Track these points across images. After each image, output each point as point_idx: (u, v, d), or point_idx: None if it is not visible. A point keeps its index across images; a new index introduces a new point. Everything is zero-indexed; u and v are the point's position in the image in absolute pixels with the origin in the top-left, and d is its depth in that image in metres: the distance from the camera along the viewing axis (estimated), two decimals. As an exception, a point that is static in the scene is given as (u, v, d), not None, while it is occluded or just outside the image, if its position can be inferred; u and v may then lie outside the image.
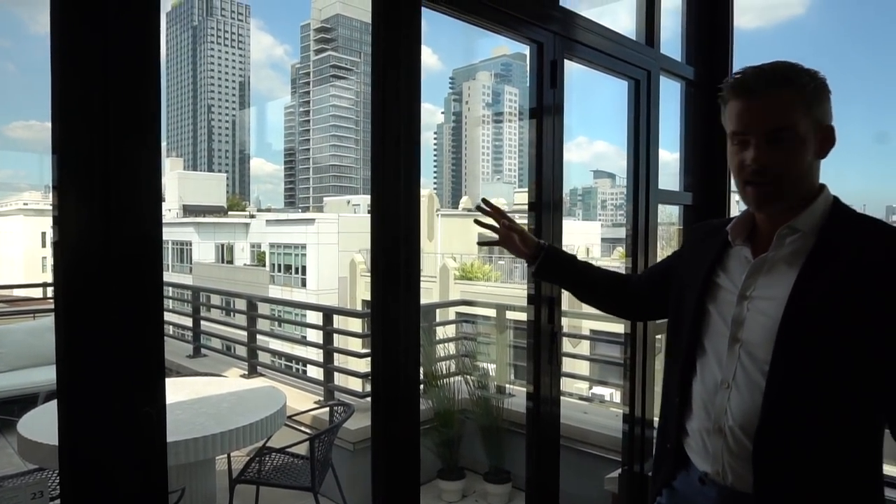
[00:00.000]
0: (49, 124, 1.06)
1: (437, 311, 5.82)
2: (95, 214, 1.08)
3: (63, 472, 1.09)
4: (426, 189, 30.51)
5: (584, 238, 32.79)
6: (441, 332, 4.93)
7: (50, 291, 8.30)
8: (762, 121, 1.10)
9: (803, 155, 1.11)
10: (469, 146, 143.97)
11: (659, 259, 2.57)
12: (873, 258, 1.04)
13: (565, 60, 2.12)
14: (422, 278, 1.78)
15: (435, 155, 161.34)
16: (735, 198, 3.01)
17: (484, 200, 1.60)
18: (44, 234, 49.24)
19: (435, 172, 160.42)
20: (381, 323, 1.67)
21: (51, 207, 1.06)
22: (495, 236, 1.59)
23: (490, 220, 1.58)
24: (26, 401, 4.22)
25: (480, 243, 1.77)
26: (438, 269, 20.66)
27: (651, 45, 2.59)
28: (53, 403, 2.93)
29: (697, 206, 2.98)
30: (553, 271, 1.55)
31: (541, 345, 2.14)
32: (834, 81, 1.15)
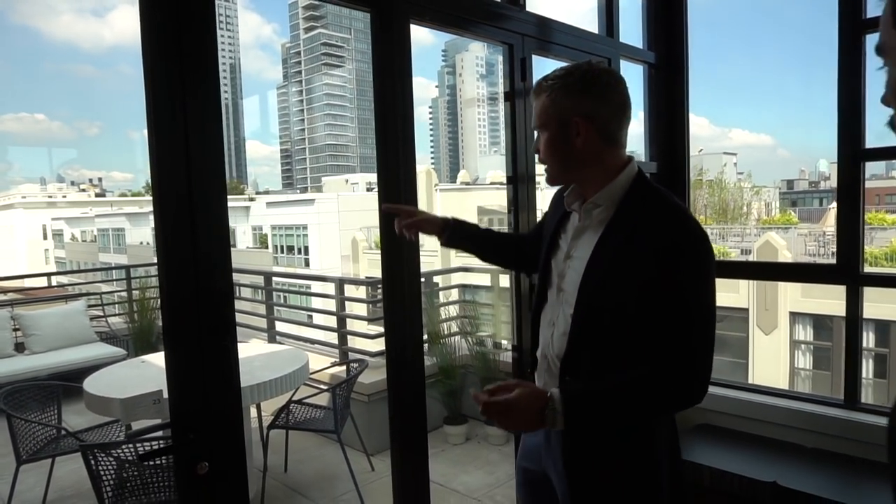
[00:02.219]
0: (40, 115, 1.36)
1: (441, 278, 6.27)
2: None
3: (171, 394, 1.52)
4: (424, 165, 30.70)
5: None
6: (444, 296, 5.40)
7: (55, 280, 8.66)
8: (532, 120, 1.38)
9: (557, 149, 1.33)
10: (465, 119, 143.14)
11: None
12: (646, 231, 1.23)
13: (533, 56, 2.52)
14: (425, 251, 2.17)
15: (431, 130, 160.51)
16: (693, 163, 3.40)
17: (385, 207, 1.81)
18: (45, 226, 49.62)
19: (432, 147, 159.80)
20: (389, 288, 2.09)
21: (49, 199, 1.37)
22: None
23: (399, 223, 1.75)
24: (64, 377, 4.59)
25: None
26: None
27: (611, 35, 2.97)
28: (108, 369, 3.41)
29: (661, 173, 3.38)
30: (459, 242, 1.74)
31: (521, 304, 2.57)
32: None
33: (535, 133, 1.38)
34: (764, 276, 3.93)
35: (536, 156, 1.38)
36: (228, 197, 1.64)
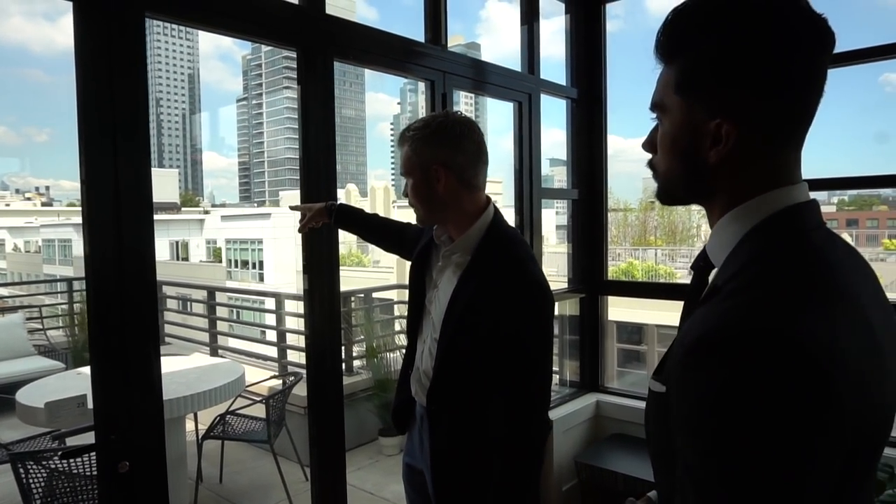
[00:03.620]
0: None
1: (395, 294, 6.44)
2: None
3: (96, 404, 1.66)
4: (383, 181, 30.81)
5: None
6: (397, 311, 5.56)
7: (6, 291, 8.47)
8: (401, 170, 1.54)
9: (422, 194, 1.49)
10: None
11: (539, 247, 3.25)
12: (492, 281, 1.41)
13: (454, 91, 2.75)
14: (379, 268, 2.34)
15: (392, 146, 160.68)
16: (644, 186, 3.67)
17: (291, 207, 2.10)
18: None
19: (392, 163, 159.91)
20: (309, 306, 2.26)
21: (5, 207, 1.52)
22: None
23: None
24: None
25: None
26: (395, 259, 21.21)
27: (532, 73, 3.24)
28: (42, 380, 3.46)
29: (583, 199, 3.65)
30: (344, 225, 1.96)
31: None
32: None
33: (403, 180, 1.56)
34: (650, 295, 4.30)
35: (406, 199, 1.56)
36: (183, 209, 1.80)
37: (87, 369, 3.83)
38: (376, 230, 1.99)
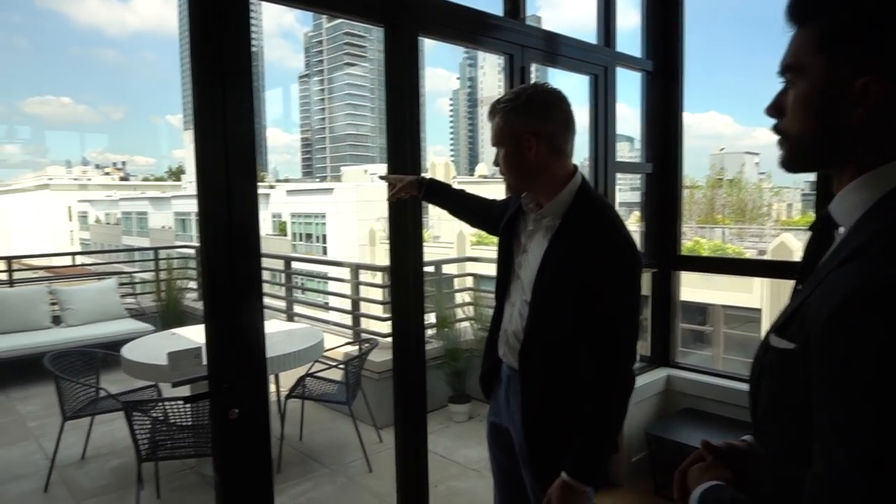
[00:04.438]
0: (66, 98, 1.66)
1: (455, 268, 6.56)
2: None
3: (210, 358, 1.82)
4: (442, 157, 30.88)
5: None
6: (458, 283, 5.69)
7: (79, 260, 9.02)
8: (492, 141, 1.63)
9: (513, 163, 1.56)
10: (484, 112, 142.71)
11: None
12: (583, 242, 1.47)
13: (532, 64, 2.78)
14: (441, 242, 2.43)
15: (451, 121, 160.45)
16: (712, 162, 3.62)
17: (381, 177, 2.21)
18: (70, 208, 50.78)
19: (451, 139, 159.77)
20: (395, 277, 2.37)
21: (75, 182, 1.67)
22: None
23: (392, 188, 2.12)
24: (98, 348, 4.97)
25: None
26: (456, 234, 21.38)
27: (608, 45, 3.22)
28: (142, 339, 3.76)
29: (656, 174, 3.63)
30: (432, 198, 2.04)
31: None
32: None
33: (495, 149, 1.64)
34: (725, 271, 4.30)
35: (496, 168, 1.64)
36: None
37: (182, 330, 4.15)
38: (464, 205, 2.07)
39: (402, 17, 2.24)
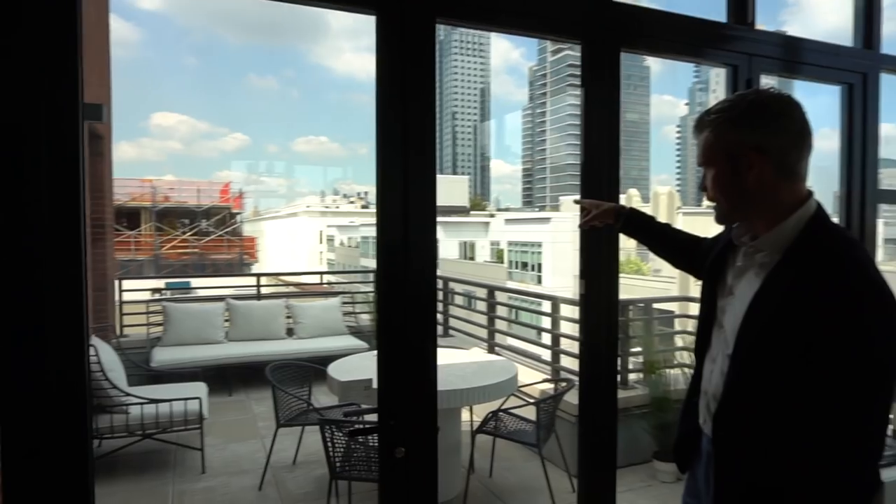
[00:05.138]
0: (323, 137, 1.73)
1: (677, 306, 6.00)
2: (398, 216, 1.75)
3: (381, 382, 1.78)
4: (666, 186, 29.20)
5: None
6: (679, 324, 5.16)
7: (325, 279, 10.04)
8: (698, 160, 1.32)
9: (727, 185, 1.25)
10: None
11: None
12: (813, 284, 1.12)
13: (760, 76, 2.36)
14: (661, 276, 2.18)
15: (678, 149, 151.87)
16: (985, 194, 2.81)
17: (575, 201, 1.99)
18: (321, 232, 58.17)
19: (678, 168, 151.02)
20: (586, 312, 2.15)
21: (325, 209, 1.70)
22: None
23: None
24: (319, 362, 5.41)
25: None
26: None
27: (869, 47, 2.63)
28: (347, 358, 3.96)
29: (936, 202, 2.87)
30: (632, 231, 1.78)
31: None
32: None
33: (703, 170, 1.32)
34: None
35: (703, 193, 1.33)
36: (471, 213, 1.88)
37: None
38: (666, 241, 1.78)
39: (602, 30, 2.04)
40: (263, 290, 7.65)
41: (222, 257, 29.31)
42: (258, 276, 7.66)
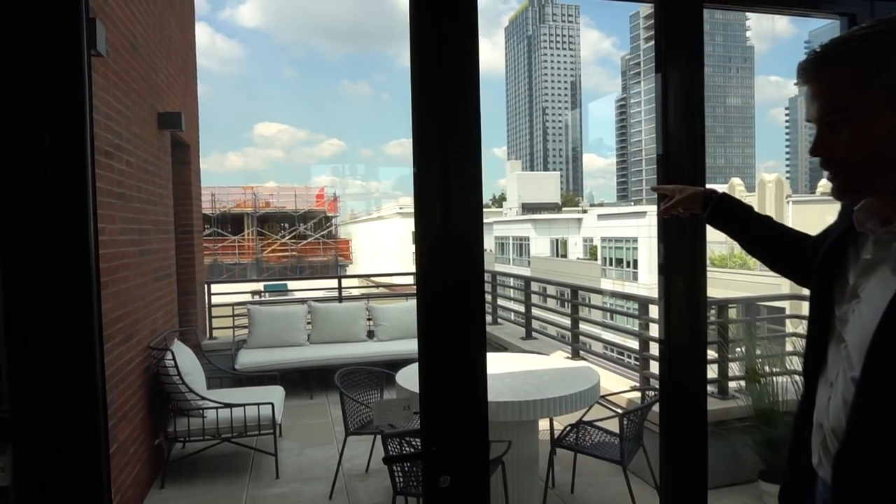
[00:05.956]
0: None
1: (785, 305, 5.39)
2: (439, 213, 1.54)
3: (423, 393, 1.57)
4: (773, 174, 27.14)
5: None
6: (790, 326, 4.62)
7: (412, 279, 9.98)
8: (814, 109, 0.97)
9: (867, 136, 0.93)
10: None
11: None
12: None
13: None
14: (765, 272, 1.87)
15: (787, 133, 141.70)
16: None
17: (652, 188, 1.70)
18: (413, 232, 59.29)
19: (787, 153, 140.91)
20: (668, 313, 1.85)
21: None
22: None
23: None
24: (396, 365, 5.33)
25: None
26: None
27: None
28: (414, 365, 3.75)
29: None
30: (723, 222, 1.44)
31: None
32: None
33: (819, 129, 0.99)
34: None
35: (819, 160, 0.99)
36: (563, 209, 1.66)
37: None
38: (762, 235, 1.42)
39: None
40: (355, 292, 7.67)
41: (318, 260, 30.40)
42: (339, 278, 7.69)
